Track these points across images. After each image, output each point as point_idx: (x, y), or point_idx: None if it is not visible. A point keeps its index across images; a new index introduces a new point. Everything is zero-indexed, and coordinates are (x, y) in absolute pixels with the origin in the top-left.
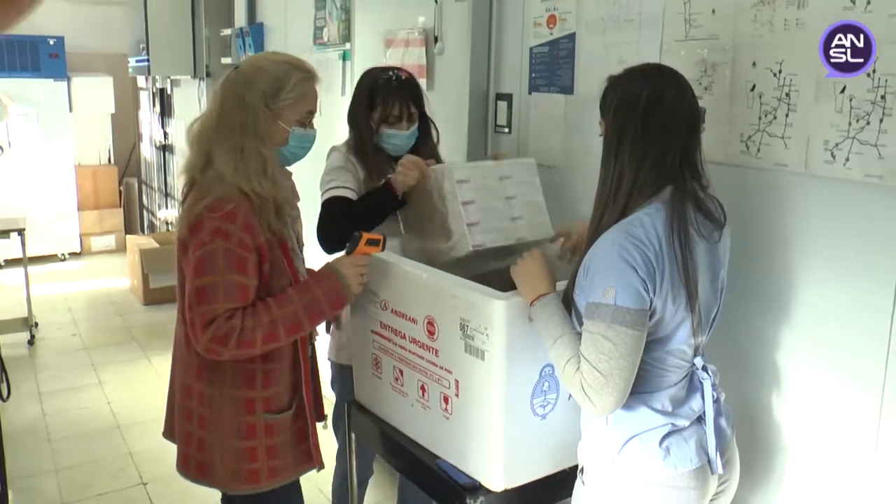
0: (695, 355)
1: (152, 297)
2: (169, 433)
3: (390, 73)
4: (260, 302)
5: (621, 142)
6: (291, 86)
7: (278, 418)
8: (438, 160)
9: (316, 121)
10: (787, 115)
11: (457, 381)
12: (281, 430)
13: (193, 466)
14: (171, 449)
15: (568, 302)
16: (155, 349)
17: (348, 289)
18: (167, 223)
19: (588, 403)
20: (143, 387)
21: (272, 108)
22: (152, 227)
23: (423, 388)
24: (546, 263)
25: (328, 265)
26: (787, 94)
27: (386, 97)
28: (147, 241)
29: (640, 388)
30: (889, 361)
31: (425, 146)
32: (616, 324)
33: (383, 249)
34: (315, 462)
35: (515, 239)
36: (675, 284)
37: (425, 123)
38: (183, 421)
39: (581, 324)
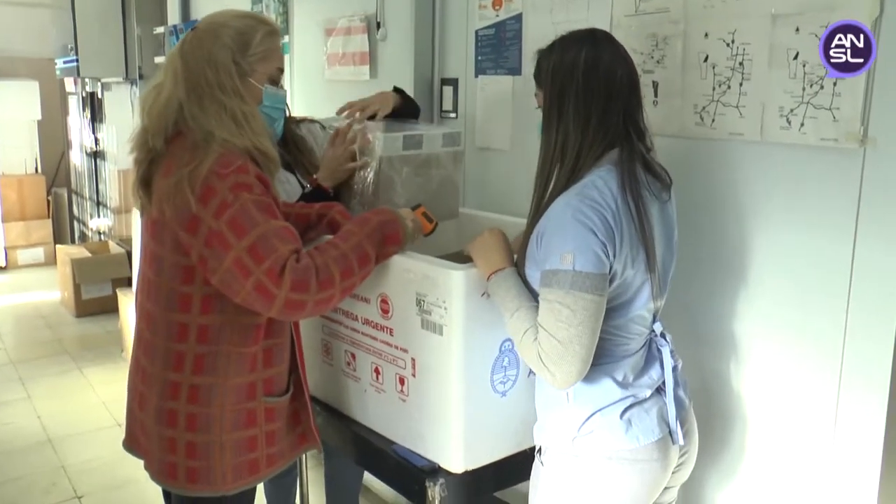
0: (653, 321)
1: (84, 309)
2: (132, 443)
3: None
4: (319, 243)
5: (563, 103)
6: (259, 40)
7: (279, 401)
8: None
9: None
10: (741, 84)
11: (413, 360)
12: (279, 414)
13: (182, 475)
14: (109, 460)
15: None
16: (88, 361)
17: (405, 227)
18: (100, 233)
19: (547, 375)
20: (76, 399)
21: (241, 65)
22: (84, 238)
23: (377, 370)
24: (503, 239)
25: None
26: (741, 64)
27: None
28: (79, 251)
29: (601, 360)
30: (848, 326)
31: None
32: (575, 289)
33: (431, 233)
34: (311, 442)
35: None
36: (634, 246)
37: None
38: (163, 426)
39: (536, 298)
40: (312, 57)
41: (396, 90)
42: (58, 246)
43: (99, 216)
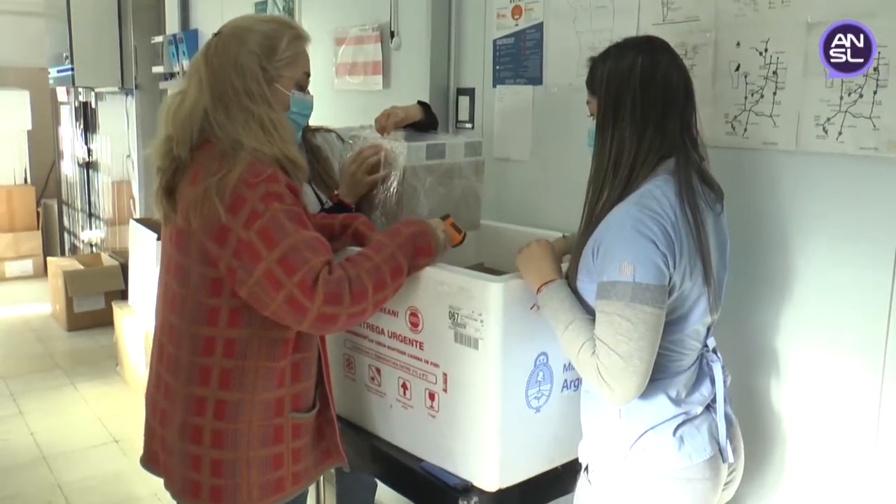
0: (706, 335)
1: (77, 322)
2: (150, 461)
3: None
4: (351, 255)
5: (618, 111)
6: (285, 45)
7: (306, 417)
8: None
9: None
10: (774, 94)
11: (445, 375)
12: (306, 430)
13: (206, 494)
14: (106, 477)
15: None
16: (81, 375)
17: (437, 238)
18: (91, 245)
19: (606, 390)
20: (69, 415)
21: (268, 71)
22: (75, 249)
23: (404, 385)
24: (551, 250)
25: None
26: (775, 73)
27: None
28: (71, 264)
29: (656, 375)
30: (889, 340)
31: None
32: (635, 302)
33: (460, 243)
34: (336, 459)
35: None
36: (692, 258)
37: None
38: (187, 443)
39: (589, 311)
40: (321, 67)
41: (421, 104)
42: (49, 258)
43: (91, 228)
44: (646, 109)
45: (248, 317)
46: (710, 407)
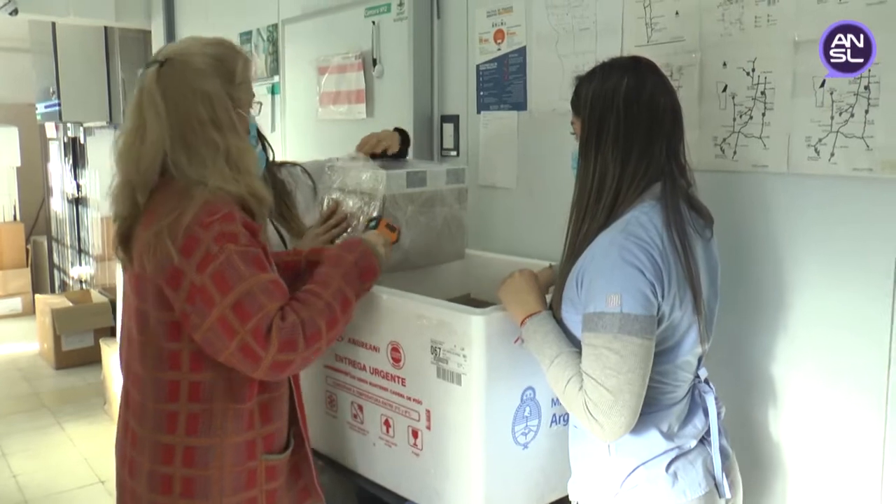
0: (698, 366)
1: (65, 361)
2: None
3: None
4: (299, 293)
5: (602, 133)
6: (241, 67)
7: (280, 459)
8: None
9: None
10: (763, 115)
11: (428, 412)
12: (280, 471)
13: None
14: None
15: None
16: (68, 415)
17: (379, 255)
18: (81, 281)
19: (595, 427)
20: (55, 455)
21: (233, 95)
22: (65, 286)
23: (387, 423)
24: (535, 280)
25: (352, 237)
26: (763, 93)
27: None
28: (60, 301)
29: (646, 409)
30: (891, 365)
31: None
32: (623, 333)
33: (398, 241)
34: (314, 497)
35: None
36: (682, 286)
37: None
38: (157, 494)
39: (575, 343)
40: (304, 97)
41: (398, 130)
42: (37, 295)
43: (80, 264)
44: (630, 132)
45: (210, 359)
46: (704, 440)
